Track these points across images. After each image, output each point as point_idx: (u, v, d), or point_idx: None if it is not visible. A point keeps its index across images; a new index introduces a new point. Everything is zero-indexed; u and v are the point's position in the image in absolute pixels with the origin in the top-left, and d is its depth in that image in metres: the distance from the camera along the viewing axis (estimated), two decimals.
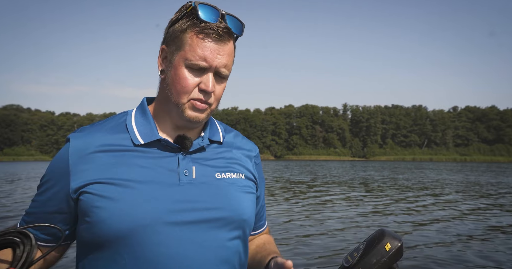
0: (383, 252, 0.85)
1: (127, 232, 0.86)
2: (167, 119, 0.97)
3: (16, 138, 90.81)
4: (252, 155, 1.09)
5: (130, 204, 0.87)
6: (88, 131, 0.95)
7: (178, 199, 0.90)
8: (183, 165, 0.94)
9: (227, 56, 0.91)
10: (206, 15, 0.88)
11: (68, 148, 0.92)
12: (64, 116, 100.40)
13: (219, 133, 1.05)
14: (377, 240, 0.88)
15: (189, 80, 0.90)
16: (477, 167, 45.57)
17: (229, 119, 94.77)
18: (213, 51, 0.89)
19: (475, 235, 7.06)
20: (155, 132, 0.95)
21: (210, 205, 0.93)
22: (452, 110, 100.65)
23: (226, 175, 0.99)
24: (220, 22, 0.90)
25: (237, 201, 0.97)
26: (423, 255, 5.62)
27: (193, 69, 0.90)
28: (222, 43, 0.90)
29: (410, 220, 8.48)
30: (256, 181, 1.08)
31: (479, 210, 10.25)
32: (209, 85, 0.90)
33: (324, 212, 9.50)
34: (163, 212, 0.88)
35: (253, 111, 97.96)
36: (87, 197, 0.88)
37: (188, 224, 0.90)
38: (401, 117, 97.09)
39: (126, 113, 1.01)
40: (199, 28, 0.88)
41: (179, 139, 0.95)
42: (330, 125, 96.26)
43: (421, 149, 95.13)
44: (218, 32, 0.88)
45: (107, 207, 0.86)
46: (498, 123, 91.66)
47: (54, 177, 0.92)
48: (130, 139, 0.94)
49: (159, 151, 0.94)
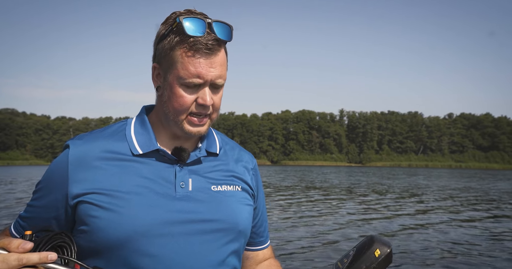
0: (372, 258, 0.86)
1: (122, 242, 0.87)
2: (165, 129, 0.98)
3: (11, 142, 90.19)
4: (249, 167, 1.09)
5: (126, 215, 0.88)
6: (87, 139, 0.96)
7: (173, 210, 0.91)
8: (180, 177, 0.95)
9: (220, 67, 0.91)
10: (192, 29, 0.87)
11: (68, 155, 0.92)
12: (59, 120, 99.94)
13: (216, 144, 1.05)
14: (367, 246, 0.88)
15: (186, 97, 0.90)
16: (474, 173, 45.77)
17: (226, 124, 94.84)
18: (205, 66, 0.89)
19: (466, 241, 7.11)
20: (154, 142, 0.96)
21: (205, 217, 0.93)
22: (447, 117, 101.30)
23: (222, 187, 0.99)
24: (208, 33, 0.88)
25: (233, 213, 0.97)
26: (413, 261, 5.65)
27: (188, 86, 0.90)
28: (213, 55, 0.89)
29: (400, 226, 8.52)
30: (254, 192, 1.08)
31: (471, 216, 10.31)
32: (207, 99, 0.91)
33: (315, 218, 9.52)
34: (159, 223, 0.89)
35: (250, 116, 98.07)
36: (85, 205, 0.89)
37: (183, 235, 0.90)
38: (397, 123, 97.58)
39: (126, 122, 1.02)
40: (187, 45, 0.88)
41: (176, 151, 0.96)
42: (326, 130, 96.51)
43: (417, 155, 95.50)
44: (208, 46, 0.88)
45: (104, 217, 0.88)
46: (492, 130, 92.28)
47: (52, 184, 0.93)
48: (129, 149, 0.95)
49: (157, 162, 0.95)
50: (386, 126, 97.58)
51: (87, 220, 0.89)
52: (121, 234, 0.87)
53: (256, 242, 1.14)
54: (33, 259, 0.75)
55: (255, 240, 1.13)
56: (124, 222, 0.87)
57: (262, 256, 1.15)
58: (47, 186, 0.94)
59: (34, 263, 0.76)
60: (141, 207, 0.89)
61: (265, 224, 1.16)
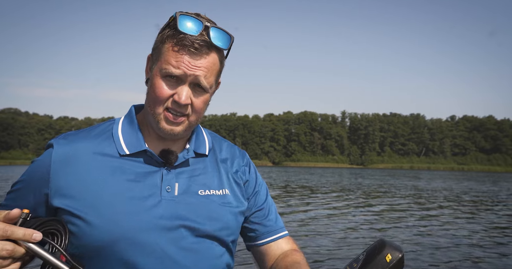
0: (383, 264, 0.83)
1: (106, 246, 0.85)
2: (152, 129, 0.96)
3: (13, 141, 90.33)
4: (241, 163, 1.08)
5: (111, 219, 0.86)
6: (72, 138, 0.93)
7: (157, 216, 0.89)
8: (166, 181, 0.93)
9: (205, 69, 0.89)
10: (185, 26, 0.87)
11: (51, 155, 0.90)
12: (62, 120, 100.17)
13: (205, 144, 1.03)
14: (378, 250, 0.85)
15: (164, 90, 0.89)
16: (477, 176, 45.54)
17: (228, 125, 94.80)
18: (187, 63, 0.87)
19: (481, 247, 6.98)
20: (142, 143, 0.94)
21: (191, 224, 0.91)
22: (450, 119, 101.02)
23: (210, 191, 0.97)
24: (201, 34, 0.88)
25: (220, 218, 0.95)
26: (426, 267, 5.54)
27: (169, 79, 0.89)
28: (199, 56, 0.88)
29: (412, 230, 8.39)
30: (247, 188, 1.07)
31: (483, 220, 10.17)
32: (182, 97, 0.89)
33: (322, 221, 9.41)
34: (144, 228, 0.87)
35: (252, 117, 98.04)
36: (65, 210, 0.87)
37: (168, 240, 0.88)
38: (399, 125, 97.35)
39: (114, 121, 0.99)
40: (176, 40, 0.88)
41: (164, 153, 0.94)
42: (328, 132, 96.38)
43: (419, 158, 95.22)
44: (194, 45, 0.87)
45: (87, 221, 0.85)
46: (495, 133, 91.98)
47: (32, 185, 0.90)
48: (116, 149, 0.93)
49: (143, 163, 0.93)
50: (388, 128, 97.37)
51: (69, 222, 0.86)
52: (105, 238, 0.85)
53: (264, 233, 1.08)
54: (17, 233, 0.73)
55: (262, 231, 1.08)
56: (109, 227, 0.85)
57: (276, 248, 1.08)
58: (27, 186, 0.91)
59: (18, 238, 0.74)
60: (126, 212, 0.87)
61: (271, 215, 1.11)
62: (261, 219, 1.09)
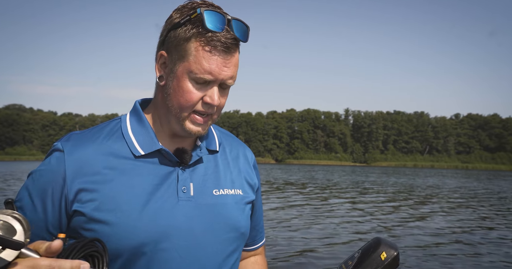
0: (378, 261, 0.84)
1: (126, 252, 0.85)
2: (164, 127, 0.93)
3: (18, 137, 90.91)
4: (250, 162, 1.07)
5: (130, 225, 0.84)
6: (82, 141, 0.89)
7: (176, 219, 0.88)
8: (182, 181, 0.91)
9: (233, 68, 0.87)
10: (213, 23, 0.83)
11: (64, 160, 0.86)
12: (66, 116, 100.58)
13: (215, 140, 1.01)
14: (373, 248, 0.86)
15: (194, 93, 0.86)
16: (482, 174, 45.34)
17: (231, 122, 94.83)
18: (219, 64, 0.84)
19: (476, 245, 6.97)
20: (155, 142, 0.91)
21: (208, 225, 0.91)
22: (454, 117, 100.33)
23: (224, 191, 0.96)
24: (227, 30, 0.84)
25: (236, 219, 0.95)
26: (420, 265, 5.54)
27: (197, 82, 0.86)
28: (229, 56, 0.85)
29: (407, 229, 8.40)
30: (254, 188, 1.06)
31: (483, 218, 10.15)
32: (215, 98, 0.87)
33: (318, 219, 9.42)
34: (164, 232, 0.86)
35: (255, 115, 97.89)
36: (82, 218, 0.85)
37: (186, 242, 0.88)
38: (403, 123, 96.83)
39: (120, 119, 0.95)
40: (205, 39, 0.83)
41: (178, 152, 0.92)
42: (331, 130, 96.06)
43: (423, 156, 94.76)
44: (226, 44, 0.84)
45: (109, 226, 0.84)
46: (500, 131, 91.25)
47: (47, 192, 0.85)
48: (129, 150, 0.90)
49: (159, 164, 0.91)
50: (391, 126, 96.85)
51: (88, 229, 0.84)
52: (125, 244, 0.84)
53: (251, 241, 1.11)
54: (64, 268, 0.69)
55: (252, 238, 1.10)
56: (128, 232, 0.84)
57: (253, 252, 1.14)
58: (38, 196, 0.85)
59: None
60: (145, 216, 0.85)
61: (261, 218, 1.13)
62: (254, 224, 1.10)
